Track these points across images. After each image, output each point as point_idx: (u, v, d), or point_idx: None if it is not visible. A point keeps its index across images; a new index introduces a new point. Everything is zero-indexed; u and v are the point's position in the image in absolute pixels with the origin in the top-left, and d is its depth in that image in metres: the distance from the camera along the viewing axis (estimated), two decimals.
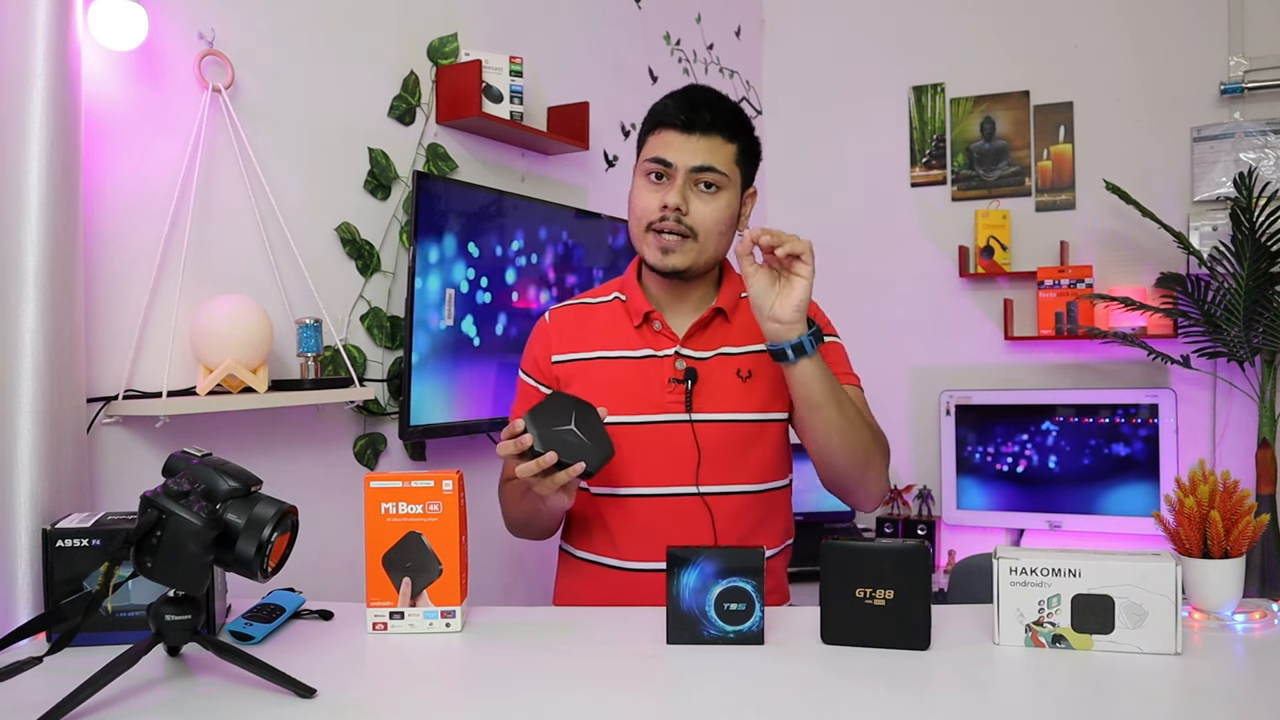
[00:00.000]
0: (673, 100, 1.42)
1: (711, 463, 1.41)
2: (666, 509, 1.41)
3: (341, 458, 2.03)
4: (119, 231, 1.59)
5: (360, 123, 2.07)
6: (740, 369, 1.44)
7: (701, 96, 1.42)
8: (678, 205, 1.37)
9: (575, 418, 1.26)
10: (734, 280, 1.50)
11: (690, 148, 1.38)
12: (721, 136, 1.39)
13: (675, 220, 1.37)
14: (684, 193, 1.37)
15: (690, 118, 1.38)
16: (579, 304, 1.55)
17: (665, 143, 1.39)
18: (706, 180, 1.38)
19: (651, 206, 1.39)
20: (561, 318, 1.53)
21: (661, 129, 1.41)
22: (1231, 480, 1.18)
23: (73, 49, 1.36)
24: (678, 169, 1.38)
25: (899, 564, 1.09)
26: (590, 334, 1.49)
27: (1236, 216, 2.81)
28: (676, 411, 1.41)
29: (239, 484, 1.03)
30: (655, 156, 1.39)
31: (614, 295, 1.52)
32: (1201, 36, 3.22)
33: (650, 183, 1.41)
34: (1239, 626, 1.15)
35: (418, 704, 1.00)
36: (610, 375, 1.45)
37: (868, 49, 3.69)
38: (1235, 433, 3.16)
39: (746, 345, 1.46)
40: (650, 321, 1.46)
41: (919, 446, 3.56)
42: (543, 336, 1.52)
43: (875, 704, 0.96)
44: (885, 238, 3.66)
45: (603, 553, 1.46)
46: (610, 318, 1.49)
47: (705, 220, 1.39)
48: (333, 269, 2.00)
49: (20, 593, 1.24)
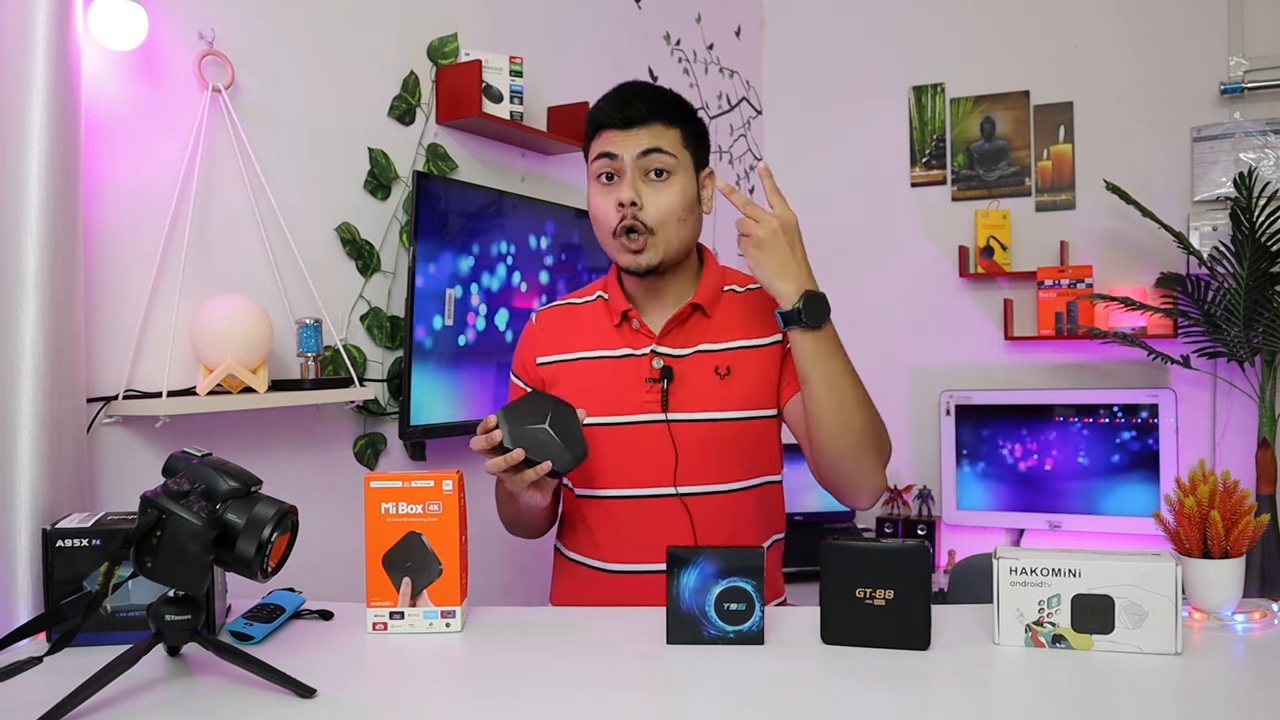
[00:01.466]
0: (605, 101, 1.41)
1: (689, 463, 1.39)
2: (645, 510, 1.40)
3: (341, 458, 2.03)
4: (119, 231, 1.59)
5: (360, 123, 2.07)
6: (719, 366, 1.42)
7: (633, 91, 1.40)
8: (632, 199, 1.35)
9: (551, 417, 1.27)
10: (714, 272, 1.47)
11: (633, 140, 1.37)
12: (661, 123, 1.38)
13: (633, 218, 1.36)
14: (635, 185, 1.36)
15: (626, 114, 1.37)
16: (565, 305, 1.54)
17: (608, 141, 1.38)
18: (656, 166, 1.37)
19: (609, 209, 1.38)
20: (547, 319, 1.53)
21: (601, 131, 1.40)
22: (1231, 480, 1.18)
23: (73, 49, 1.36)
24: (624, 160, 1.37)
25: (899, 564, 1.09)
26: (574, 335, 1.48)
27: (1236, 216, 2.82)
28: (653, 411, 1.40)
29: (239, 484, 1.03)
30: (601, 152, 1.39)
31: (597, 295, 1.51)
32: (1201, 36, 3.22)
33: (602, 185, 1.40)
34: (1239, 626, 1.15)
35: (418, 704, 1.00)
36: (591, 376, 1.44)
37: (868, 49, 3.69)
38: (1235, 433, 3.16)
39: (726, 341, 1.43)
40: (628, 320, 1.45)
41: (919, 446, 3.56)
42: (529, 339, 1.53)
43: (875, 704, 0.96)
44: (885, 238, 3.66)
45: (588, 554, 1.45)
46: (593, 318, 1.49)
47: (660, 211, 1.37)
48: (333, 269, 2.00)
49: (20, 593, 1.24)
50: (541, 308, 1.56)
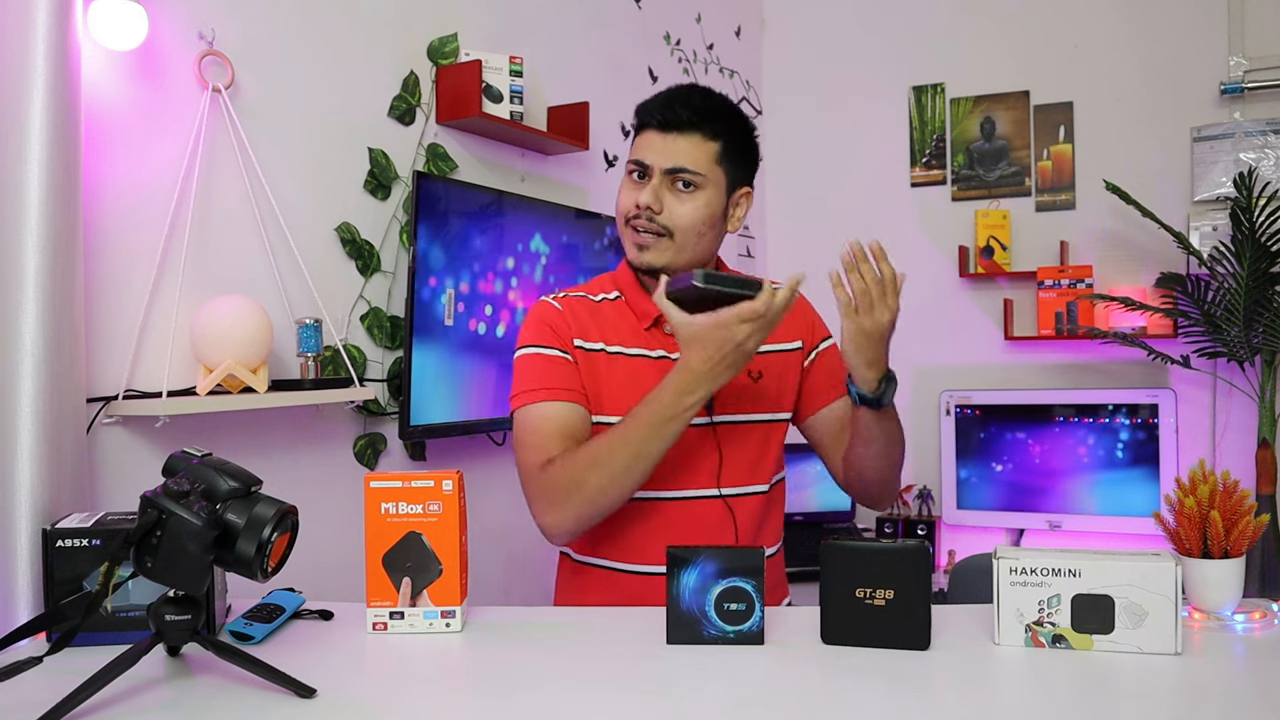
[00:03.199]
0: (654, 99, 1.41)
1: (732, 464, 1.42)
2: (689, 512, 1.40)
3: (341, 458, 2.03)
4: (119, 231, 1.59)
5: (360, 123, 2.07)
6: (751, 370, 1.44)
7: (681, 95, 1.40)
8: (649, 205, 1.36)
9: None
10: None
11: (666, 148, 1.37)
12: (701, 135, 1.38)
13: (648, 219, 1.37)
14: (658, 192, 1.37)
15: (666, 117, 1.37)
16: (581, 296, 1.48)
17: (645, 144, 1.39)
18: (684, 180, 1.37)
19: (628, 204, 1.40)
20: (572, 307, 1.45)
21: (644, 129, 1.41)
22: (1231, 480, 1.18)
23: (73, 49, 1.36)
24: (653, 169, 1.38)
25: (899, 564, 1.09)
26: (602, 329, 1.44)
27: (1236, 216, 2.82)
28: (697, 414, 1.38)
29: (239, 484, 1.02)
30: (634, 158, 1.40)
31: (615, 294, 1.48)
32: (1201, 36, 3.22)
33: (632, 181, 1.41)
34: (1239, 626, 1.15)
35: (418, 704, 1.00)
36: (630, 373, 1.42)
37: (868, 49, 3.69)
38: (1235, 433, 3.16)
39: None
40: (660, 325, 1.43)
41: (919, 446, 3.56)
42: (560, 319, 1.43)
43: (875, 704, 0.96)
44: (885, 238, 3.56)
45: (616, 558, 1.43)
46: (617, 316, 1.46)
47: (681, 219, 1.38)
48: (333, 269, 2.00)
49: (20, 593, 1.24)
50: (557, 294, 1.48)
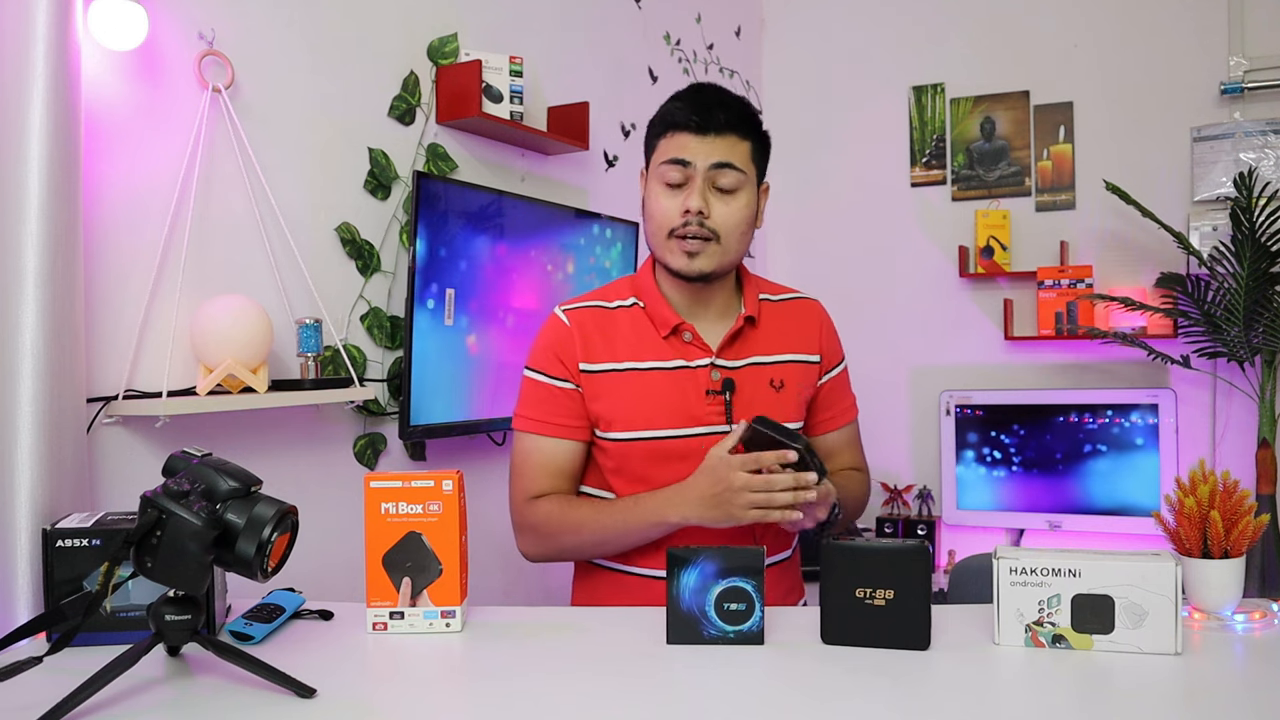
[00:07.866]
0: (683, 102, 1.38)
1: None
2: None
3: (341, 458, 2.03)
4: (119, 231, 1.59)
5: (360, 123, 2.07)
6: (773, 379, 1.43)
7: (714, 97, 1.38)
8: (700, 209, 1.34)
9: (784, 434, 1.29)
10: (753, 283, 1.48)
11: (706, 148, 1.35)
12: (736, 135, 1.36)
13: (698, 224, 1.35)
14: (704, 194, 1.35)
15: (704, 119, 1.35)
16: (594, 306, 1.45)
17: (680, 144, 1.36)
18: (725, 180, 1.36)
19: (672, 212, 1.36)
20: (581, 321, 1.43)
21: (674, 132, 1.37)
22: (1231, 480, 1.18)
23: (73, 49, 1.36)
24: (696, 169, 1.35)
25: (899, 564, 1.09)
26: (616, 343, 1.42)
27: (1236, 216, 2.81)
28: (717, 423, 1.39)
29: (239, 484, 1.03)
30: (672, 157, 1.36)
31: (632, 301, 1.45)
32: (1201, 36, 3.22)
33: (668, 189, 1.37)
34: (1239, 626, 1.15)
35: (418, 704, 1.00)
36: (643, 388, 1.40)
37: (868, 49, 3.69)
38: (1235, 433, 3.16)
39: (776, 354, 1.45)
40: (679, 333, 1.41)
41: (919, 446, 3.56)
42: (566, 340, 1.42)
43: (875, 704, 0.96)
44: (885, 238, 3.65)
45: (639, 564, 1.41)
46: (633, 325, 1.43)
47: (727, 222, 1.36)
48: (333, 269, 2.00)
49: (20, 593, 1.24)
50: (566, 306, 1.46)
